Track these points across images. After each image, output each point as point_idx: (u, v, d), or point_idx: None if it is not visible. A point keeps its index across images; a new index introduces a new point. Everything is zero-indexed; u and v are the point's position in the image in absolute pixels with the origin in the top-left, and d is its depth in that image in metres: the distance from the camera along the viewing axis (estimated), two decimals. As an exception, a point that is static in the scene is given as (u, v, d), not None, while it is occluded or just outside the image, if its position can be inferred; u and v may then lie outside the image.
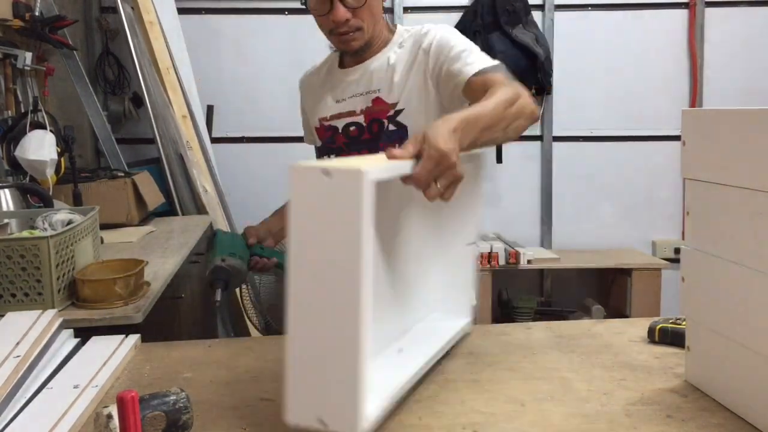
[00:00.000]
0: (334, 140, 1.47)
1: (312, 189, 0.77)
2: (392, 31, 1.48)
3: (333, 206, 0.76)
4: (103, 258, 1.71)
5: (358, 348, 0.78)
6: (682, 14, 3.47)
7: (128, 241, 2.18)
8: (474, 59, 1.34)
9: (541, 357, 1.12)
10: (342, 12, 1.35)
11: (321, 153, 1.52)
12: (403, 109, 1.40)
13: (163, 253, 2.02)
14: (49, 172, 2.18)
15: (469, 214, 1.20)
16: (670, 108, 3.45)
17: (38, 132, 2.22)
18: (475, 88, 1.29)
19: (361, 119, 1.44)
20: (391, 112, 1.41)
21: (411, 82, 1.40)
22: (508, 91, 1.17)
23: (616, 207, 3.58)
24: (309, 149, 1.63)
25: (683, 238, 0.99)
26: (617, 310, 3.33)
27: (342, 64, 1.49)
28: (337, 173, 0.76)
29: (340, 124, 1.46)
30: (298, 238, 0.79)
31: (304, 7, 1.45)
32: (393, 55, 1.43)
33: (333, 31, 1.39)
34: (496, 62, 1.34)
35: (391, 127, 1.41)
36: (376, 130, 1.42)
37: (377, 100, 1.42)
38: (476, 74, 1.30)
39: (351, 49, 1.41)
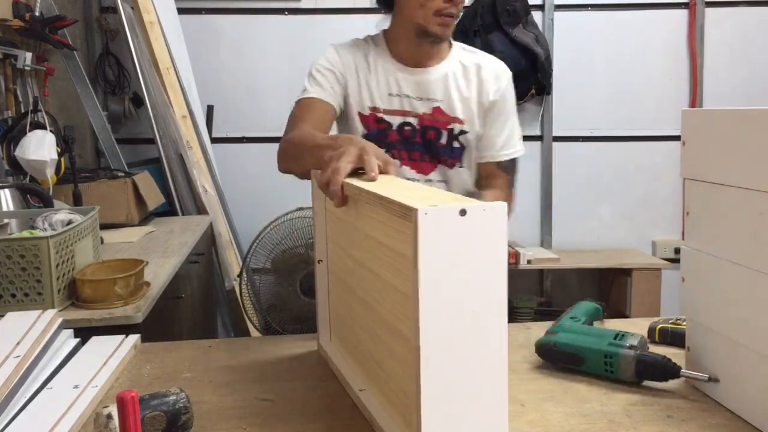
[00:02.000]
0: (387, 135, 1.45)
1: (446, 229, 0.70)
2: (447, 43, 1.51)
3: (469, 244, 0.70)
4: (103, 258, 1.71)
5: (502, 394, 0.73)
6: (682, 14, 3.47)
7: (128, 241, 2.18)
8: (513, 141, 1.50)
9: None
10: None
11: (371, 138, 1.44)
12: (467, 132, 1.46)
13: (163, 253, 2.02)
14: (49, 172, 2.18)
15: None
16: (670, 108, 3.45)
17: (38, 132, 2.22)
18: (485, 172, 1.51)
19: (416, 122, 1.46)
20: (453, 127, 1.46)
21: (474, 110, 1.46)
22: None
23: (616, 207, 3.58)
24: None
25: (683, 238, 0.99)
26: (617, 310, 3.33)
27: (400, 59, 1.47)
28: (472, 211, 0.70)
29: (394, 121, 1.46)
30: (431, 278, 0.70)
31: (296, 8, 1.44)
32: (458, 73, 1.47)
33: (441, 11, 1.37)
34: (519, 151, 1.51)
35: (455, 144, 1.47)
36: (431, 138, 1.45)
37: (438, 110, 1.45)
38: (499, 164, 1.48)
39: (444, 35, 1.41)
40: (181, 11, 3.20)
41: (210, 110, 3.30)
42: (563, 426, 0.89)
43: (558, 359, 1.06)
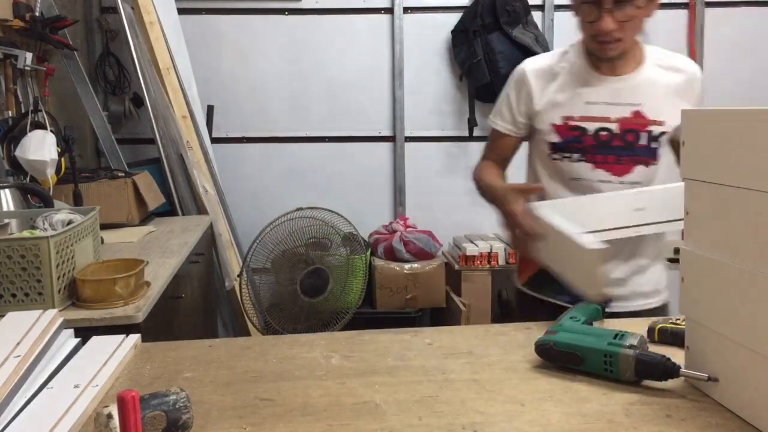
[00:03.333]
0: (581, 141, 1.51)
1: None
2: (640, 47, 1.54)
3: None
4: (104, 258, 1.71)
5: None
6: (682, 14, 3.47)
7: (128, 241, 2.18)
8: None
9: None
10: (609, 24, 1.41)
11: (556, 149, 1.54)
12: (663, 134, 1.50)
13: (163, 253, 2.02)
14: (50, 172, 2.18)
15: None
16: (670, 108, 3.44)
17: (38, 132, 2.22)
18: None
19: (614, 127, 1.50)
20: (652, 129, 1.50)
21: (676, 109, 1.44)
22: None
23: (616, 207, 3.57)
24: (309, 149, 1.61)
25: (683, 238, 0.99)
26: (617, 310, 3.32)
27: (596, 68, 1.52)
28: None
29: (590, 127, 1.51)
30: None
31: (296, 8, 1.45)
32: (658, 76, 1.52)
33: (594, 37, 1.45)
34: None
35: (653, 144, 1.50)
36: (631, 140, 1.50)
37: (637, 114, 1.49)
38: None
39: (606, 56, 1.47)
40: (181, 11, 3.20)
41: (210, 110, 3.30)
42: (563, 426, 0.89)
43: (558, 359, 1.07)
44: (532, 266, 1.57)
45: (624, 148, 1.50)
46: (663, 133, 1.50)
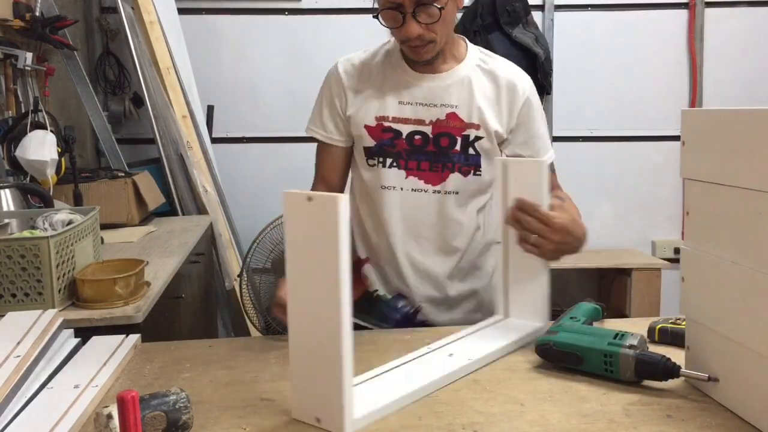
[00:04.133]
0: (394, 145, 1.41)
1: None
2: (463, 44, 1.46)
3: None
4: (104, 258, 1.71)
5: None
6: (682, 14, 3.47)
7: (128, 241, 2.18)
8: (548, 145, 1.47)
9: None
10: (414, 28, 1.30)
11: (371, 154, 1.43)
12: (483, 137, 1.40)
13: (163, 253, 2.02)
14: (50, 172, 2.18)
15: None
16: (670, 108, 3.45)
17: (39, 132, 2.22)
18: None
19: (428, 130, 1.40)
20: (468, 133, 1.39)
21: (492, 115, 1.40)
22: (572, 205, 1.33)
23: (616, 207, 3.58)
24: (309, 149, 1.60)
25: (683, 238, 0.99)
26: (617, 310, 3.33)
27: (412, 66, 1.42)
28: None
29: (404, 129, 1.40)
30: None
31: (296, 8, 1.44)
32: (474, 77, 1.41)
33: (404, 42, 1.36)
34: (552, 155, 1.47)
35: (471, 151, 1.40)
36: (445, 145, 1.39)
37: (452, 116, 1.39)
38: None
39: (422, 59, 1.37)
40: (181, 11, 3.20)
41: (210, 110, 3.30)
42: (563, 426, 0.89)
43: (557, 359, 1.07)
44: (358, 289, 1.47)
45: (438, 153, 1.39)
46: (479, 138, 1.39)
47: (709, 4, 3.45)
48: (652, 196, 3.55)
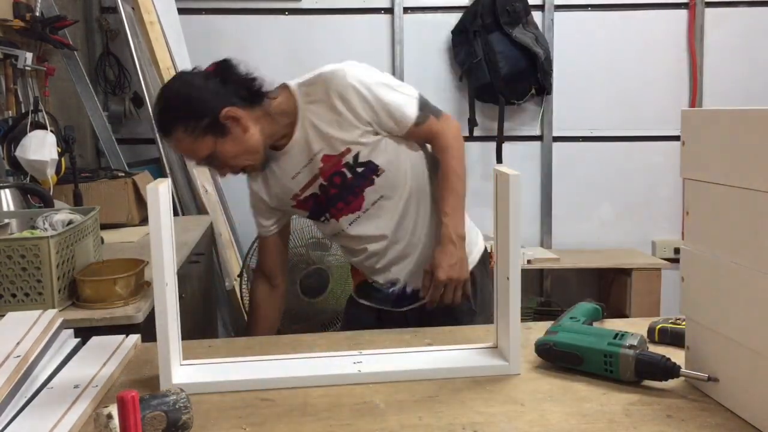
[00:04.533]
0: (320, 203, 1.54)
1: None
2: (290, 94, 1.50)
3: None
4: (104, 258, 1.71)
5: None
6: (682, 14, 3.47)
7: (128, 241, 2.18)
8: (402, 106, 1.46)
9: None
10: (222, 173, 1.52)
11: (312, 217, 1.59)
12: (359, 152, 1.46)
13: (163, 253, 2.02)
14: (50, 172, 2.18)
15: None
16: (670, 108, 3.45)
17: (39, 132, 2.22)
18: (418, 136, 1.51)
19: (321, 180, 1.50)
20: (347, 159, 1.47)
21: (347, 129, 1.45)
22: (452, 148, 1.47)
23: (616, 207, 3.58)
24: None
25: (683, 238, 0.99)
26: (617, 310, 3.33)
27: (274, 146, 1.51)
28: None
29: (313, 190, 1.52)
30: None
31: (296, 8, 1.48)
32: (312, 116, 1.46)
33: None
34: (416, 96, 1.49)
35: (359, 170, 1.47)
36: (339, 182, 1.49)
37: (325, 158, 1.47)
38: (415, 124, 1.47)
39: (262, 170, 1.53)
40: (182, 11, 3.20)
41: (210, 110, 3.30)
42: (563, 426, 0.89)
43: (557, 359, 1.07)
44: (358, 277, 1.68)
45: (343, 188, 1.49)
46: (357, 154, 1.46)
47: (709, 4, 3.45)
48: (652, 196, 3.55)
